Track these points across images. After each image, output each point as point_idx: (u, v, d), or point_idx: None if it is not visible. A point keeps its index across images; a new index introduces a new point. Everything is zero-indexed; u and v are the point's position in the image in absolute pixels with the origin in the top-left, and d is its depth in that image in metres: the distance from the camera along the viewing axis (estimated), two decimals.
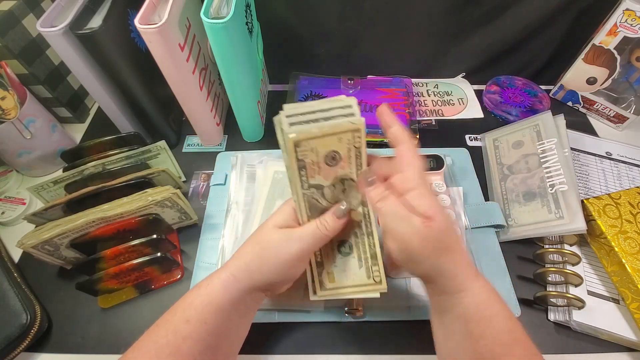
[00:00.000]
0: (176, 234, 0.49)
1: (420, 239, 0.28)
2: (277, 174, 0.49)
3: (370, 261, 0.33)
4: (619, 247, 0.41)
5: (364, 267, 0.33)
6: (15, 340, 0.39)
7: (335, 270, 0.33)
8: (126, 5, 0.48)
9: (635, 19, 0.51)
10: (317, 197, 0.31)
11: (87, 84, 0.50)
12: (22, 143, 0.51)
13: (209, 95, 0.54)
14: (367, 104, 0.61)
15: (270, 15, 0.58)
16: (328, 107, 0.29)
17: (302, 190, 0.30)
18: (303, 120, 0.28)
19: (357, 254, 0.33)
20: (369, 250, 0.33)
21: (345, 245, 0.33)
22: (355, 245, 0.33)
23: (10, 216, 0.51)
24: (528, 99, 0.64)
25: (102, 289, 0.43)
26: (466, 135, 0.61)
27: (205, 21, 0.40)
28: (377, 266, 0.33)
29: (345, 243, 0.33)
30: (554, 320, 0.42)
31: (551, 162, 0.48)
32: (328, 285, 0.34)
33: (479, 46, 0.64)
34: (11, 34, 0.49)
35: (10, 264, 0.46)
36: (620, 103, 0.59)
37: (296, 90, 0.64)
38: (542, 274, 0.44)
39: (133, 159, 0.50)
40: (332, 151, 0.29)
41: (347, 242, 0.33)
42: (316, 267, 0.34)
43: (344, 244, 0.34)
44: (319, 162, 0.29)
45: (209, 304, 0.30)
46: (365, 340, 0.42)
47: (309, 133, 0.28)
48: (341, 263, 0.34)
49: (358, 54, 0.66)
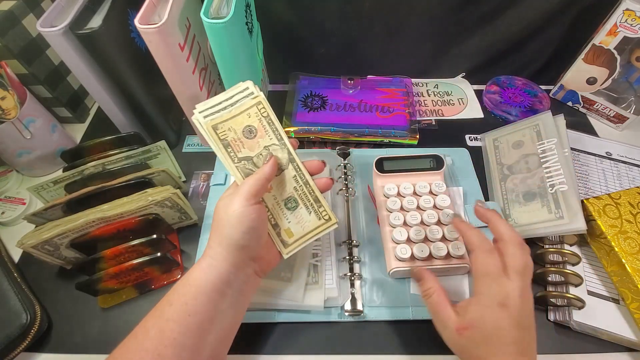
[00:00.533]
0: (176, 234, 0.49)
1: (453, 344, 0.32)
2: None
3: (315, 205, 0.37)
4: (619, 247, 0.41)
5: (312, 212, 0.37)
6: (15, 340, 0.39)
7: (290, 225, 0.37)
8: (126, 5, 0.48)
9: (635, 19, 0.51)
10: (250, 167, 0.35)
11: (87, 84, 0.50)
12: (22, 143, 0.51)
13: (209, 96, 0.54)
14: (367, 104, 0.61)
15: (270, 15, 0.58)
16: (230, 95, 0.35)
17: (235, 164, 0.35)
18: (214, 111, 0.35)
19: (302, 203, 0.37)
20: (311, 196, 0.37)
21: (290, 200, 0.37)
22: (299, 197, 0.37)
23: (10, 216, 0.51)
24: (528, 99, 0.64)
25: (102, 289, 0.43)
26: (466, 135, 0.61)
27: (205, 21, 0.40)
28: (322, 207, 0.37)
29: (290, 199, 0.37)
30: (554, 320, 0.42)
31: (551, 162, 0.48)
32: (289, 240, 0.37)
33: (479, 46, 0.64)
34: (11, 34, 0.49)
35: (10, 264, 0.46)
36: (620, 103, 0.59)
37: (296, 90, 0.64)
38: (542, 274, 0.44)
39: (133, 159, 0.50)
40: (246, 126, 0.35)
41: (291, 197, 0.37)
42: (273, 229, 0.37)
43: (289, 200, 0.37)
44: (239, 138, 0.35)
45: (188, 285, 0.32)
46: (365, 340, 0.42)
47: (221, 117, 0.34)
48: (292, 217, 0.37)
49: (358, 54, 0.66)
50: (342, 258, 0.45)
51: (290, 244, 0.37)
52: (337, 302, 0.42)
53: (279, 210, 0.37)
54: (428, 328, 0.42)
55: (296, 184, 0.37)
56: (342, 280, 0.44)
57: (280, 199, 0.37)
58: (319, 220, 0.37)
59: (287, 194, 0.37)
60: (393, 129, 0.58)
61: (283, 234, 0.37)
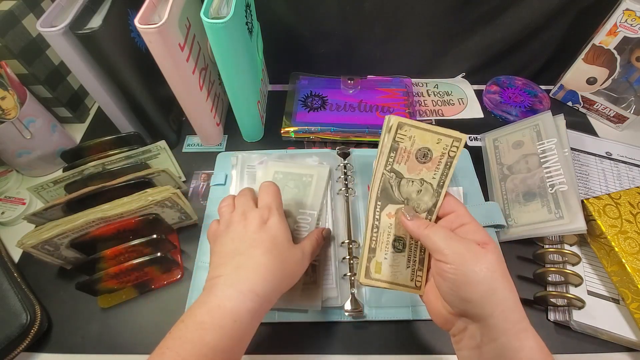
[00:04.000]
0: (176, 234, 0.49)
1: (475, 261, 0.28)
2: (277, 174, 0.49)
3: (417, 265, 0.34)
4: (619, 247, 0.41)
5: (410, 269, 0.34)
6: (15, 340, 0.39)
7: (384, 262, 0.34)
8: (126, 5, 0.48)
9: (635, 19, 0.51)
10: (393, 183, 0.33)
11: (87, 84, 0.50)
12: (22, 143, 0.51)
13: (209, 95, 0.54)
14: (367, 104, 0.61)
15: (270, 15, 0.58)
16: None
17: (384, 169, 0.32)
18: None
19: (407, 254, 0.34)
20: (419, 254, 0.34)
21: (400, 242, 0.34)
22: (409, 246, 0.34)
23: (10, 216, 0.51)
24: (528, 99, 0.64)
25: (102, 289, 0.43)
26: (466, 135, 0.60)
27: (205, 21, 0.40)
28: (422, 272, 0.34)
29: (401, 240, 0.34)
30: (554, 320, 0.42)
31: (551, 162, 0.48)
32: (374, 275, 0.34)
33: (479, 46, 0.64)
34: (11, 34, 0.49)
35: (10, 264, 0.46)
36: (620, 103, 0.59)
37: (296, 90, 0.64)
38: (542, 274, 0.44)
39: (133, 159, 0.50)
40: (426, 148, 0.32)
41: (403, 239, 0.34)
42: (368, 252, 0.34)
43: (399, 240, 0.34)
44: (410, 152, 0.32)
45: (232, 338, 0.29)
46: (365, 340, 0.42)
47: (414, 122, 0.31)
48: (391, 257, 0.34)
49: (358, 54, 0.66)
50: (342, 258, 0.45)
51: (373, 278, 0.34)
52: (337, 302, 0.42)
53: (386, 239, 0.34)
54: (428, 328, 0.42)
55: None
56: (343, 280, 0.44)
57: (393, 232, 0.34)
58: (411, 281, 0.34)
59: (403, 233, 0.34)
60: None
61: (372, 263, 0.34)
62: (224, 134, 0.61)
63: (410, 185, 0.33)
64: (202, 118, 0.55)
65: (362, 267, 0.34)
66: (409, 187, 0.33)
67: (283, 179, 0.49)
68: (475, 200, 0.51)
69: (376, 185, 0.33)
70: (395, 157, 0.32)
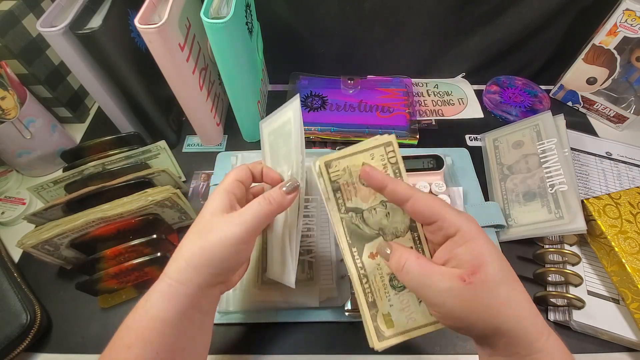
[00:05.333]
0: (176, 234, 0.49)
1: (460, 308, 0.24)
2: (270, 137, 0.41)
3: None
4: (619, 247, 0.41)
5: (422, 302, 0.29)
6: (15, 340, 0.39)
7: (392, 310, 0.28)
8: (126, 5, 0.48)
9: (635, 19, 0.51)
10: (357, 222, 0.29)
11: (87, 84, 0.50)
12: (22, 143, 0.51)
13: (209, 95, 0.54)
14: (367, 104, 0.61)
15: (270, 15, 0.58)
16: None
17: (340, 214, 0.29)
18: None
19: None
20: None
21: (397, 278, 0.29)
22: None
23: (10, 216, 0.51)
24: (528, 99, 0.64)
25: (102, 289, 0.43)
26: (466, 135, 0.61)
27: (205, 21, 0.40)
28: None
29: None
30: (554, 321, 0.42)
31: (551, 162, 0.48)
32: (387, 332, 0.28)
33: (479, 46, 0.64)
34: (11, 34, 0.49)
35: (10, 264, 0.46)
36: (620, 103, 0.59)
37: (296, 90, 0.64)
38: (542, 274, 0.44)
39: (133, 159, 0.50)
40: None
41: None
42: (368, 310, 0.28)
43: (396, 277, 0.29)
44: (354, 183, 0.28)
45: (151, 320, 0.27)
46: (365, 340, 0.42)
47: (338, 153, 0.28)
48: (396, 300, 0.29)
49: (358, 54, 0.66)
50: (341, 259, 0.45)
51: (387, 337, 0.28)
52: (337, 302, 0.42)
53: (381, 285, 0.29)
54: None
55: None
56: (342, 280, 0.44)
57: (385, 272, 0.29)
58: (430, 315, 0.28)
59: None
60: (393, 129, 0.58)
61: (380, 320, 0.28)
62: (224, 134, 0.61)
63: (375, 213, 0.29)
64: (202, 118, 0.55)
65: (371, 331, 0.28)
66: (375, 216, 0.29)
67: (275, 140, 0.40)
68: (475, 200, 0.51)
69: (342, 233, 0.29)
70: (342, 196, 0.29)
